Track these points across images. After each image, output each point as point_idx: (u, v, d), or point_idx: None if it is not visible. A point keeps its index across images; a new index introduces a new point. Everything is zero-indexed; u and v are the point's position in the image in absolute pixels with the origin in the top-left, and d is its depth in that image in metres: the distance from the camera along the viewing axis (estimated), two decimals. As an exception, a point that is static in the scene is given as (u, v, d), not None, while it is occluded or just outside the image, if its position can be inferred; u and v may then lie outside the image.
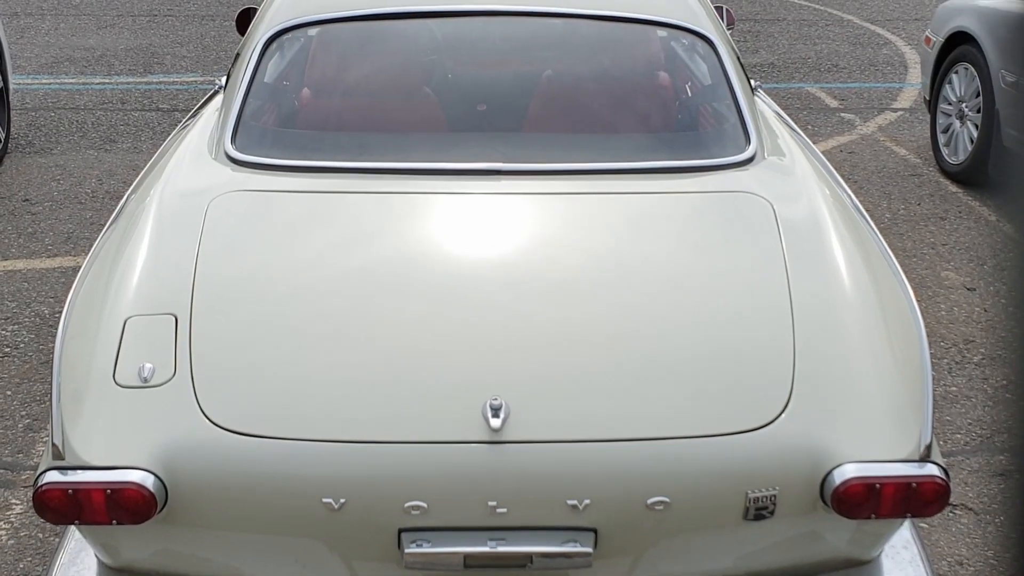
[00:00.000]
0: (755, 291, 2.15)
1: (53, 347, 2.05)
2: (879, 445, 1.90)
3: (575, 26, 2.87)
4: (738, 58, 2.94)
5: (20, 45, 7.82)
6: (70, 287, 2.26)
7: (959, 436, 3.30)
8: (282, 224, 2.35)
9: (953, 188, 5.32)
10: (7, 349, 3.73)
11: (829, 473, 1.87)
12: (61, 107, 6.53)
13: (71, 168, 5.44)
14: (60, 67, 7.43)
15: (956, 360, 3.73)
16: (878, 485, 1.86)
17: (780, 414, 1.92)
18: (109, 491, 1.82)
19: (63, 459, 1.86)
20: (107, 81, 7.12)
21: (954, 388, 3.56)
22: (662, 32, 3.00)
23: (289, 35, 2.90)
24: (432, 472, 1.84)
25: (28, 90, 6.81)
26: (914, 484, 1.87)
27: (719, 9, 3.91)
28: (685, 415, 1.91)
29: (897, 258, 4.42)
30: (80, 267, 2.37)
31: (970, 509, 2.97)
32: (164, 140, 3.20)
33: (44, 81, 7.09)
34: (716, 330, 2.07)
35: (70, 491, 1.83)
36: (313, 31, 2.95)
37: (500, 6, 2.86)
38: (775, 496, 1.88)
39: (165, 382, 1.94)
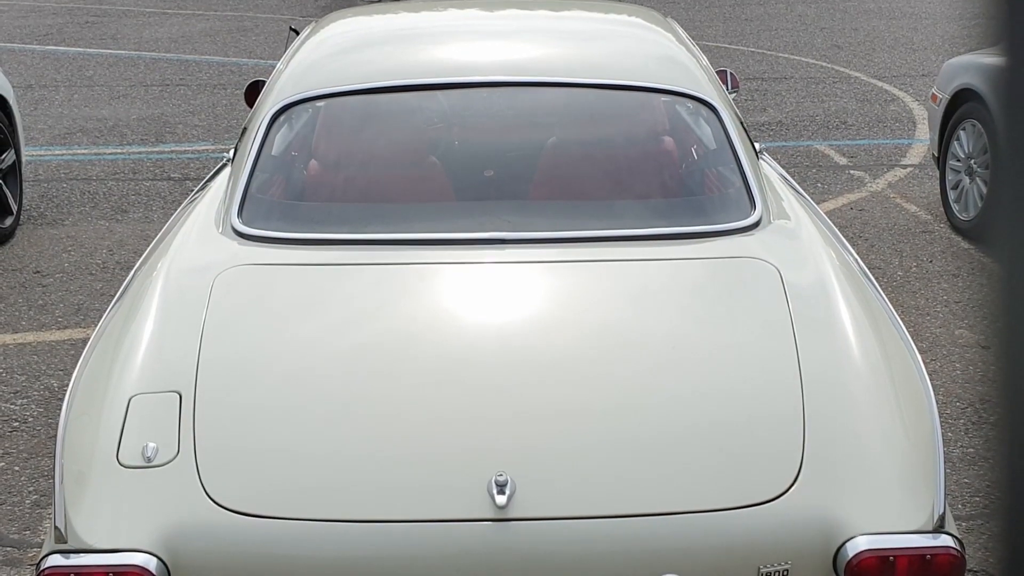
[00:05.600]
0: (763, 360, 2.13)
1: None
2: (892, 516, 1.88)
3: (578, 95, 2.89)
4: (741, 123, 2.95)
5: (34, 117, 7.92)
6: (79, 360, 2.26)
7: (978, 499, 3.24)
8: (287, 299, 2.34)
9: (965, 245, 5.30)
10: (16, 423, 3.72)
11: (842, 546, 1.84)
12: (73, 178, 6.59)
13: (82, 239, 5.48)
14: (73, 138, 7.52)
15: (973, 420, 3.68)
16: (892, 557, 1.83)
17: (791, 486, 1.89)
18: (111, 575, 1.80)
19: (65, 542, 1.85)
20: (119, 151, 7.19)
21: (971, 449, 3.50)
22: (665, 97, 3.02)
23: (296, 108, 2.92)
24: (438, 551, 1.82)
25: (41, 162, 6.88)
26: (928, 556, 1.84)
27: (723, 73, 3.93)
28: (695, 489, 1.89)
29: (911, 316, 4.42)
30: (89, 340, 2.37)
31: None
32: (175, 210, 3.21)
33: (57, 152, 7.17)
34: (725, 401, 2.05)
35: (72, 575, 1.81)
36: (320, 103, 2.98)
37: (505, 77, 2.89)
38: (787, 570, 1.85)
39: (168, 462, 1.92)
